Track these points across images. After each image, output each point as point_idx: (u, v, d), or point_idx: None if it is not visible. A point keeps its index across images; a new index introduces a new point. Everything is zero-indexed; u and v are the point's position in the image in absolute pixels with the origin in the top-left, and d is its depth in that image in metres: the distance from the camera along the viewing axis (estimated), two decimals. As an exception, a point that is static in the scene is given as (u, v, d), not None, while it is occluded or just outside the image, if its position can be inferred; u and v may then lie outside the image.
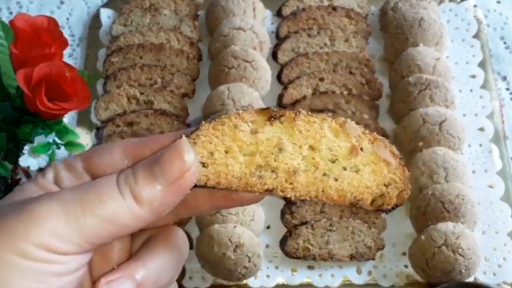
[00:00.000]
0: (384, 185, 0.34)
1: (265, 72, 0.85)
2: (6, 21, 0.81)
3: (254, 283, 0.75)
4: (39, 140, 0.72)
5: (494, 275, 0.74)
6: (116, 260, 0.35)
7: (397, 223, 0.77)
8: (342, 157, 0.33)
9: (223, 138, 0.33)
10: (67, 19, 0.97)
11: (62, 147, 0.75)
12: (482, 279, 0.73)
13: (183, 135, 0.32)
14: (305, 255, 0.74)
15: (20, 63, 0.72)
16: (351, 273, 0.75)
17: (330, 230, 0.74)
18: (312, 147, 0.33)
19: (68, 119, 0.81)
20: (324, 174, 0.33)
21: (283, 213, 0.77)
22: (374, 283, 0.74)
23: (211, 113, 0.81)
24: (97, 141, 0.81)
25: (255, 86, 0.83)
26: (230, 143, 0.32)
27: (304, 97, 0.84)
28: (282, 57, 0.89)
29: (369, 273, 0.75)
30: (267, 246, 0.77)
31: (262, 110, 0.33)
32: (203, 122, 0.33)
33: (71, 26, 0.96)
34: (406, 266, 0.75)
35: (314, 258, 0.74)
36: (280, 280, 0.75)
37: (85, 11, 0.98)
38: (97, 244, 0.31)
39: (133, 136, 0.80)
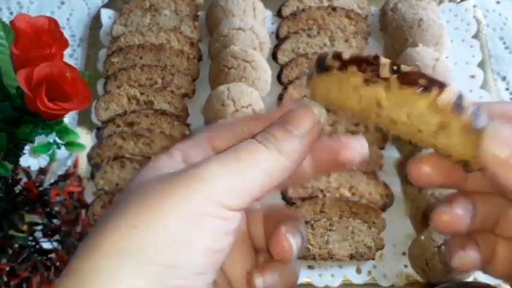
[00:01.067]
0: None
1: (265, 73, 0.85)
2: (7, 22, 0.81)
3: (254, 283, 0.75)
4: (39, 140, 0.72)
5: (494, 274, 0.74)
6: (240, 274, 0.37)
7: (397, 223, 0.77)
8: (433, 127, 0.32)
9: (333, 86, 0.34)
10: (68, 19, 0.97)
11: (63, 147, 0.75)
12: (482, 278, 0.74)
13: (304, 98, 0.35)
14: (305, 255, 0.74)
15: (20, 63, 0.72)
16: (351, 273, 0.75)
17: (330, 230, 0.74)
18: (406, 114, 0.33)
19: (68, 119, 0.81)
20: (419, 131, 0.33)
21: (283, 213, 0.77)
22: (373, 283, 0.75)
23: (211, 112, 0.81)
24: (98, 141, 0.82)
25: (254, 86, 0.84)
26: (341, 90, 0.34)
27: (304, 97, 0.84)
28: (282, 58, 0.89)
29: (369, 273, 0.75)
30: (267, 246, 0.77)
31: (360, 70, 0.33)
32: (311, 73, 0.35)
33: (72, 27, 0.97)
34: (406, 266, 0.75)
35: (314, 258, 0.75)
36: (280, 280, 0.75)
37: (85, 11, 0.98)
38: (256, 198, 0.33)
39: (133, 136, 0.80)
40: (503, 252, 0.36)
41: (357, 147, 0.36)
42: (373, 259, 0.75)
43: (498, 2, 0.98)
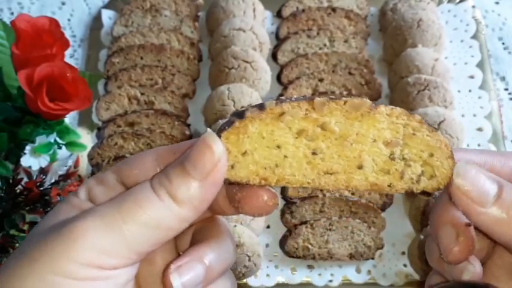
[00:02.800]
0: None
1: (265, 73, 0.86)
2: (8, 22, 0.81)
3: (254, 282, 0.75)
4: (40, 140, 0.72)
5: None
6: (162, 265, 0.34)
7: (396, 223, 0.78)
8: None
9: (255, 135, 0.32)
10: (68, 20, 0.97)
11: (64, 147, 0.75)
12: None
13: (208, 129, 0.32)
14: (305, 254, 0.75)
15: (21, 63, 0.73)
16: (350, 273, 0.75)
17: (330, 230, 0.75)
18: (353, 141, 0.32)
19: (69, 119, 0.81)
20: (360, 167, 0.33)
21: (283, 213, 0.77)
22: (373, 282, 0.75)
23: (212, 113, 0.82)
24: (98, 141, 0.82)
25: (254, 86, 0.84)
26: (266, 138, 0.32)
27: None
28: (282, 58, 0.89)
29: (369, 272, 0.75)
30: (267, 245, 0.77)
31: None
32: (235, 119, 0.32)
33: (73, 27, 0.97)
34: (405, 265, 0.75)
35: (314, 258, 0.75)
36: (280, 279, 0.75)
37: (86, 12, 0.98)
38: (145, 252, 0.30)
39: (133, 136, 0.80)
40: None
41: (264, 198, 0.33)
42: (373, 258, 0.75)
43: (497, 3, 0.98)
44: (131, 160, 0.34)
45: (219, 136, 0.32)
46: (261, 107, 0.31)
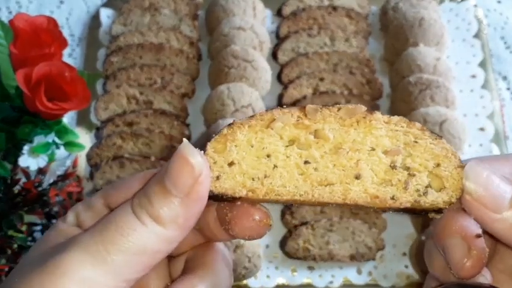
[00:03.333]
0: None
1: (265, 72, 0.85)
2: (6, 21, 0.81)
3: (254, 283, 0.74)
4: (38, 140, 0.72)
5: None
6: None
7: (397, 223, 0.77)
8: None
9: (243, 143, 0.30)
10: (67, 19, 0.97)
11: (62, 147, 0.75)
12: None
13: (184, 139, 0.30)
14: (305, 255, 0.74)
15: (19, 63, 0.72)
16: (351, 274, 0.75)
17: (331, 231, 0.74)
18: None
19: (67, 118, 0.81)
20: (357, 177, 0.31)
21: (283, 214, 0.77)
22: (374, 283, 0.74)
23: (211, 112, 0.81)
24: (97, 141, 0.81)
25: (255, 85, 0.83)
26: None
27: (304, 97, 0.84)
28: (282, 57, 0.89)
29: (370, 273, 0.75)
30: (267, 246, 0.77)
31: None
32: (224, 128, 0.31)
33: (71, 26, 0.96)
34: (406, 267, 0.75)
35: (314, 259, 0.74)
36: (281, 280, 0.75)
37: (84, 10, 0.98)
38: (133, 279, 0.29)
39: (132, 136, 0.80)
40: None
41: (255, 218, 0.31)
42: (374, 260, 0.75)
43: (499, 2, 0.98)
44: (119, 184, 0.33)
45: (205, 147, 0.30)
46: (252, 115, 0.30)
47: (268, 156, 0.30)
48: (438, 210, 0.30)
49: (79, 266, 0.27)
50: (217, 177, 0.30)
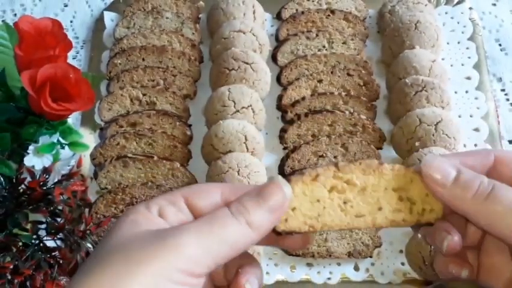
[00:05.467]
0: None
1: (265, 74, 0.87)
2: (11, 23, 0.82)
3: (254, 280, 0.76)
4: (43, 140, 0.73)
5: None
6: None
7: (394, 221, 0.78)
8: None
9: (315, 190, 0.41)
10: (71, 22, 0.98)
11: (66, 147, 0.76)
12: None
13: (278, 175, 0.40)
14: (304, 252, 0.76)
15: (24, 64, 0.73)
16: (349, 271, 0.76)
17: (329, 228, 0.75)
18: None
19: (72, 119, 0.82)
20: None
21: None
22: (371, 280, 0.76)
23: (212, 113, 0.83)
24: (101, 141, 0.83)
25: (255, 87, 0.85)
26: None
27: (303, 98, 0.85)
28: (282, 59, 0.90)
29: (367, 270, 0.76)
30: (267, 244, 0.78)
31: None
32: (307, 171, 0.41)
33: (75, 29, 0.98)
34: (403, 264, 0.76)
35: (313, 256, 0.76)
36: (280, 277, 0.76)
37: (88, 13, 0.99)
38: (220, 264, 0.37)
39: (135, 136, 0.81)
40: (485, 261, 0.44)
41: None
42: (371, 257, 0.76)
43: (494, 4, 0.99)
44: (197, 189, 0.41)
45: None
46: (301, 173, 0.41)
47: (318, 200, 0.41)
48: (430, 224, 0.43)
49: (190, 246, 0.35)
50: (286, 220, 0.40)
